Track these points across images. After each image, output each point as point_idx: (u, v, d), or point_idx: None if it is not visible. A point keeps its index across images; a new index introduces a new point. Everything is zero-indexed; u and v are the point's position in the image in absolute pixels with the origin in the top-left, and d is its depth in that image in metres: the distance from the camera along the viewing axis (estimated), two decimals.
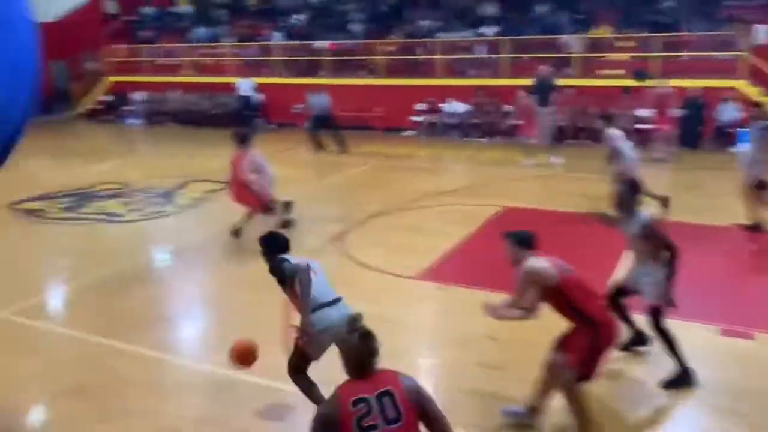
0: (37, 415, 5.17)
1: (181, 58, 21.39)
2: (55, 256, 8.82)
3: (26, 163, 15.34)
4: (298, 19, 21.12)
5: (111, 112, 21.61)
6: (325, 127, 14.88)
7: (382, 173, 12.77)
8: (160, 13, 23.78)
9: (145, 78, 21.45)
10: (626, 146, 8.84)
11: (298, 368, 4.39)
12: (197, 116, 19.50)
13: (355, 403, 2.67)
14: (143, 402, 4.95)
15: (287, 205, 9.28)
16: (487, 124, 16.16)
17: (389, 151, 15.10)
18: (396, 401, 2.71)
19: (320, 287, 4.31)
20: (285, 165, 14.05)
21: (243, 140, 8.60)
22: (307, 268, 4.24)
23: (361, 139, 16.32)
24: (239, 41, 21.04)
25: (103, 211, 10.49)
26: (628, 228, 4.97)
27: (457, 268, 7.63)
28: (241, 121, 18.34)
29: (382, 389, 2.72)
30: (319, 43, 19.25)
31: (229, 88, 19.24)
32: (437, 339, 6.03)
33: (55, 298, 7.39)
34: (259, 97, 18.85)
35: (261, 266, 4.73)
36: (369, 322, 2.96)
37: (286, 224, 8.80)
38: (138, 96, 21.17)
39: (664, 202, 8.60)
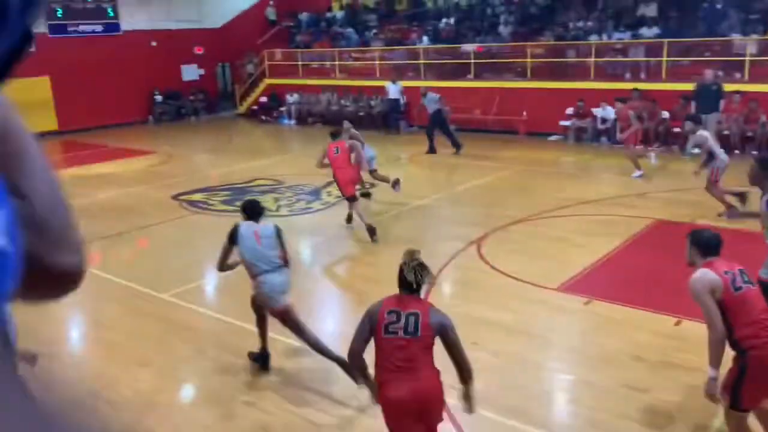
0: (189, 389, 5.61)
1: (331, 62, 22.25)
2: (213, 245, 9.50)
3: (192, 158, 16.73)
4: (448, 22, 21.19)
5: (267, 112, 22.94)
6: (433, 125, 15.03)
7: (526, 178, 12.46)
8: (315, 18, 24.90)
9: (299, 81, 22.55)
10: (717, 147, 9.38)
11: (258, 315, 5.56)
12: (346, 118, 20.17)
13: (390, 312, 3.58)
14: (279, 384, 5.22)
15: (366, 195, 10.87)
16: (641, 131, 15.25)
17: (534, 155, 14.71)
18: (418, 322, 3.54)
19: (262, 256, 5.24)
20: (425, 167, 14.20)
21: (333, 135, 9.77)
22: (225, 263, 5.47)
23: (505, 142, 16.05)
24: (387, 45, 21.50)
25: None
26: (761, 205, 4.83)
27: (602, 282, 7.26)
28: (388, 123, 18.74)
29: (412, 310, 3.57)
30: (466, 46, 19.19)
31: (375, 90, 19.72)
32: (578, 356, 5.77)
33: (209, 285, 7.97)
34: (403, 99, 19.16)
35: (394, 261, 4.79)
36: (503, 332, 2.89)
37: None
38: (291, 98, 22.31)
39: (742, 197, 8.66)
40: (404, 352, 3.52)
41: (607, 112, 15.81)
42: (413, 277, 3.61)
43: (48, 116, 20.42)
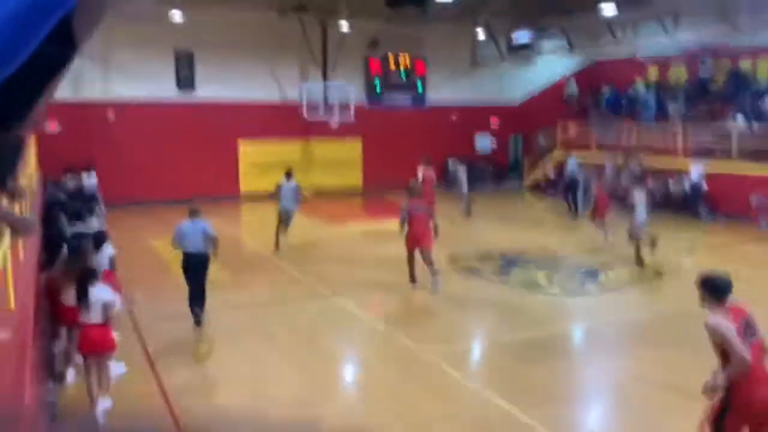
0: None
1: (627, 138, 21.25)
2: (483, 311, 9.54)
3: (472, 223, 17.23)
4: None
5: (552, 185, 22.69)
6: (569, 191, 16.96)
7: None
8: (616, 94, 24.15)
9: (590, 154, 21.89)
10: (642, 206, 11.34)
11: None
12: (628, 197, 18.91)
13: (410, 205, 10.11)
14: None
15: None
16: None
17: None
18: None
19: None
20: (727, 261, 12.47)
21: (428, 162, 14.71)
22: None
23: None
24: (694, 123, 19.86)
25: (527, 279, 10.95)
26: None
27: None
28: (687, 207, 17.17)
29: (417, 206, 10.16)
30: None
31: (675, 171, 18.27)
32: None
33: (473, 351, 7.97)
34: (704, 184, 17.42)
35: (673, 363, 4.24)
36: None
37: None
38: None
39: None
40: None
41: None
42: (414, 190, 9.53)
43: (356, 173, 23.36)
